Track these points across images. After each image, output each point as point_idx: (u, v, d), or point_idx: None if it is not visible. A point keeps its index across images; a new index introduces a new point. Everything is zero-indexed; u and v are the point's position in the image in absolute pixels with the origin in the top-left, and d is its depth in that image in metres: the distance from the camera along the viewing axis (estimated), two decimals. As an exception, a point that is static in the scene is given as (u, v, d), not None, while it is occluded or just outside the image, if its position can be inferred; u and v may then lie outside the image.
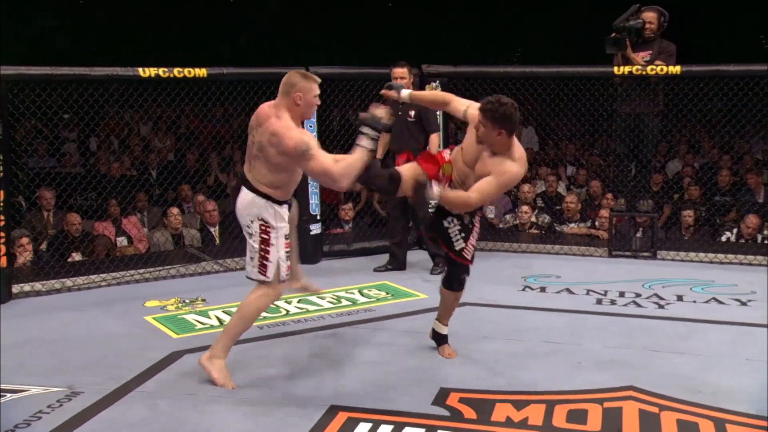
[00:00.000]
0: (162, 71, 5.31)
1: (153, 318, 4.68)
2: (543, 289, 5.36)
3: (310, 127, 6.00)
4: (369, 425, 3.17)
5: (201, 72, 5.47)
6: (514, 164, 3.53)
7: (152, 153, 8.43)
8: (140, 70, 5.27)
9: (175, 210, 6.64)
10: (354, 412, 3.29)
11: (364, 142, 3.42)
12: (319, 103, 3.53)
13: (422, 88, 6.40)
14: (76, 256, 6.09)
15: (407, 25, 16.04)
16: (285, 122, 3.40)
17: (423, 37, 15.76)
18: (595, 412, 3.31)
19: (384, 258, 5.97)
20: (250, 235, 3.51)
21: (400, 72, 5.68)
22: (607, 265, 6.01)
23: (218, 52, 14.80)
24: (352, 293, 5.19)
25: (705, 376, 3.71)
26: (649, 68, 5.87)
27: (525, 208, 6.95)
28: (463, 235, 3.77)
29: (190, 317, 4.69)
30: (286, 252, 3.52)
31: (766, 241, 6.46)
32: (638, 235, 6.31)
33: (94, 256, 6.12)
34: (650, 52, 6.04)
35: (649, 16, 6.00)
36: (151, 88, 5.80)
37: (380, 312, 4.78)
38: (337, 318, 4.67)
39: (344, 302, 4.99)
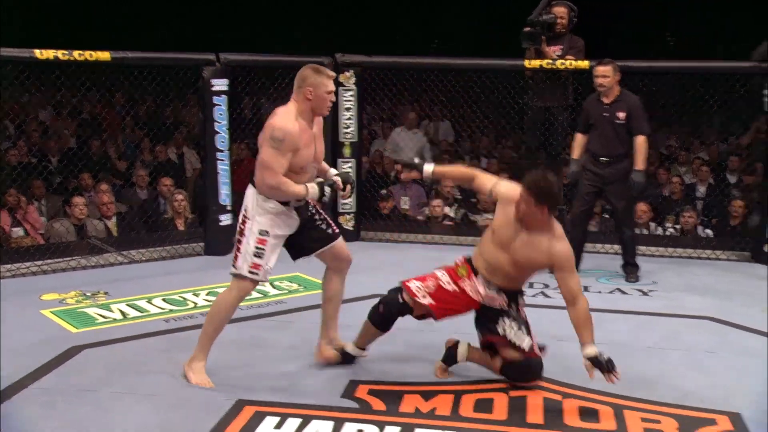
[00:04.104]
0: (61, 53, 5.07)
1: (51, 312, 4.48)
2: (454, 280, 5.39)
3: (220, 114, 5.88)
4: (276, 419, 3.14)
5: (104, 55, 5.24)
6: (564, 243, 3.40)
7: (52, 139, 8.03)
8: (36, 51, 5.01)
9: (80, 199, 6.34)
10: (261, 406, 3.25)
11: (306, 192, 3.40)
12: (332, 98, 3.45)
13: (336, 78, 6.36)
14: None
15: (322, 13, 15.92)
16: (281, 112, 3.37)
17: (339, 26, 15.69)
18: (501, 401, 3.37)
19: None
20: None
21: (603, 70, 5.22)
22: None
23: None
24: (263, 285, 5.08)
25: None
26: (558, 62, 5.99)
27: (437, 201, 7.00)
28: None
29: (92, 311, 4.51)
30: (257, 248, 3.42)
31: (668, 233, 6.72)
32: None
33: (-16, 247, 5.80)
34: (561, 46, 6.17)
35: (560, 11, 6.12)
36: (49, 71, 5.52)
37: (292, 304, 4.72)
38: (247, 310, 4.58)
39: (255, 294, 4.84)
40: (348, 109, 6.39)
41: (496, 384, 3.54)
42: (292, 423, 3.10)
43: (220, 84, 5.85)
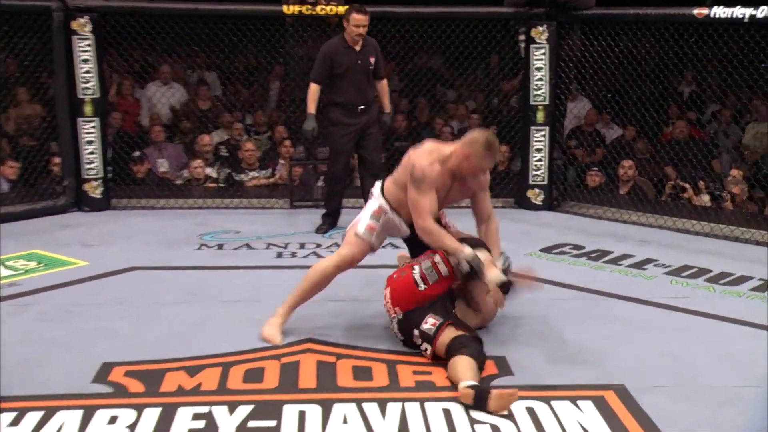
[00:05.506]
0: None
1: None
2: (221, 246, 5.13)
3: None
4: (13, 415, 2.76)
5: None
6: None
7: None
8: None
9: None
10: (-6, 402, 2.82)
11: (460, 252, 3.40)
12: (478, 173, 3.57)
13: (68, 25, 5.71)
14: None
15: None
16: (430, 152, 3.51)
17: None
18: (272, 368, 3.23)
19: (42, 222, 5.58)
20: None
21: (364, 19, 5.12)
22: (288, 217, 5.95)
23: None
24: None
25: (380, 321, 3.71)
26: (318, 8, 5.85)
27: (197, 162, 6.59)
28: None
29: None
30: (368, 231, 3.67)
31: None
32: (320, 184, 6.31)
33: None
34: (327, -7, 6.06)
35: (320, -43, 6.00)
36: None
37: (29, 285, 4.22)
38: (-26, 297, 3.99)
39: (-18, 278, 4.29)
40: (86, 61, 5.77)
41: (267, 351, 3.38)
42: (32, 417, 2.73)
43: None
